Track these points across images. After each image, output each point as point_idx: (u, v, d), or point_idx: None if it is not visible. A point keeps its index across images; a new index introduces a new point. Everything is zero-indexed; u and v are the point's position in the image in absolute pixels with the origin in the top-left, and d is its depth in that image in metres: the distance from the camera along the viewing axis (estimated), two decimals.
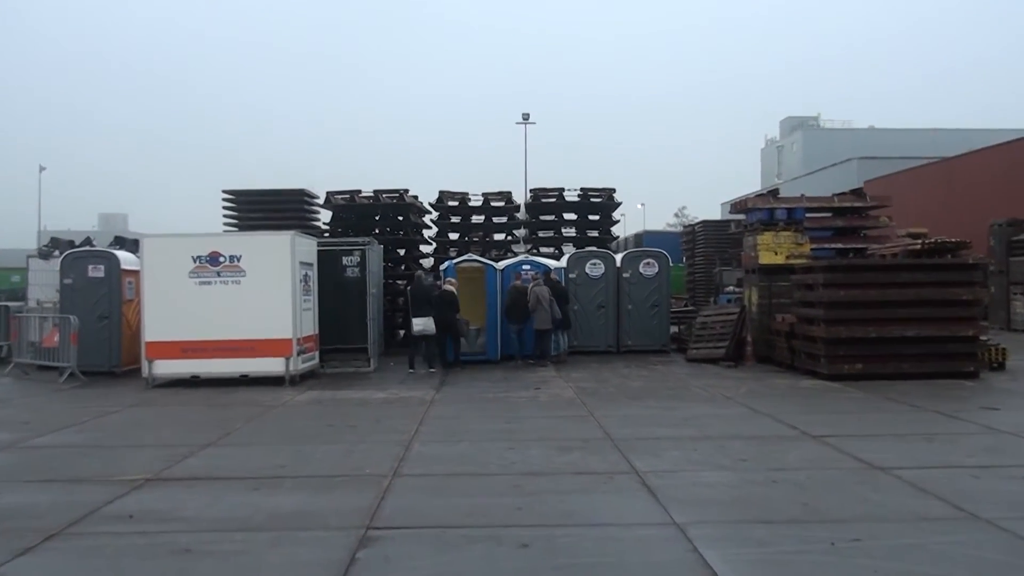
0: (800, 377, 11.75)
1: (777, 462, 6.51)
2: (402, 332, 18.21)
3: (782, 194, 15.52)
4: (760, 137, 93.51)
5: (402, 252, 18.73)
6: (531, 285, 13.64)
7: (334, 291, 13.02)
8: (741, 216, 16.08)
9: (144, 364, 11.49)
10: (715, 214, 48.31)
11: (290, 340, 11.47)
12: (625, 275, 15.46)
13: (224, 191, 18.15)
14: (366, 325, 13.11)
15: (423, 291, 12.99)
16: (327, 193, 17.50)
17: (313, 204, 18.83)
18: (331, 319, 12.90)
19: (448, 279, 13.53)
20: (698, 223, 29.03)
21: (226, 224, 18.12)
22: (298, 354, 11.61)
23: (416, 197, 18.65)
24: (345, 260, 13.14)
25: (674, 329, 16.59)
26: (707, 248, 26.57)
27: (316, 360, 12.63)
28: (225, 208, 18.22)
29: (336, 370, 13.01)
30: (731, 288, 22.68)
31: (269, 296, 11.49)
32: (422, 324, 12.70)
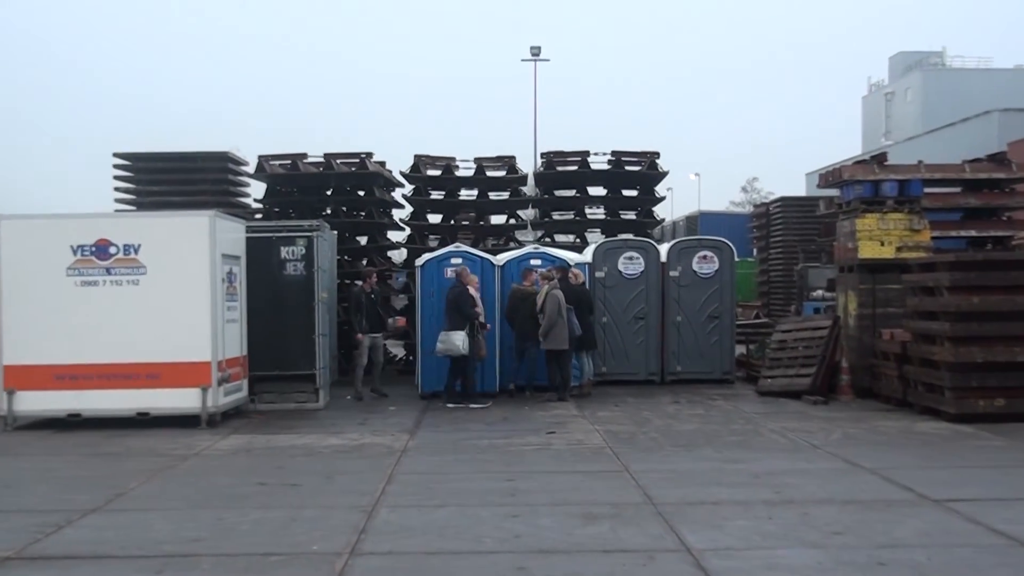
0: (916, 417, 11.75)
1: (885, 537, 6.52)
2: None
3: (891, 161, 15.58)
4: (861, 81, 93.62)
5: (364, 241, 18.81)
6: (543, 288, 13.65)
7: (270, 295, 13.06)
8: (834, 192, 16.12)
9: (1, 397, 11.53)
10: (797, 188, 48.36)
11: (208, 364, 11.50)
12: (673, 274, 15.49)
13: (117, 155, 18.22)
14: (314, 343, 13.14)
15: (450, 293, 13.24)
16: (259, 158, 17.55)
17: (240, 173, 18.90)
18: (266, 335, 12.94)
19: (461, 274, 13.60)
20: (774, 201, 29.12)
21: (120, 202, 18.20)
22: (219, 384, 11.64)
23: (383, 164, 18.70)
24: (285, 251, 13.17)
25: (740, 350, 16.62)
26: (786, 236, 26.66)
27: (244, 392, 12.68)
28: (119, 179, 18.28)
29: (272, 406, 13.06)
30: (819, 292, 22.72)
31: (179, 302, 11.52)
32: (452, 342, 12.91)
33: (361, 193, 18.31)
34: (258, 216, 18.26)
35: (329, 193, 18.24)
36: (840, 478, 8.41)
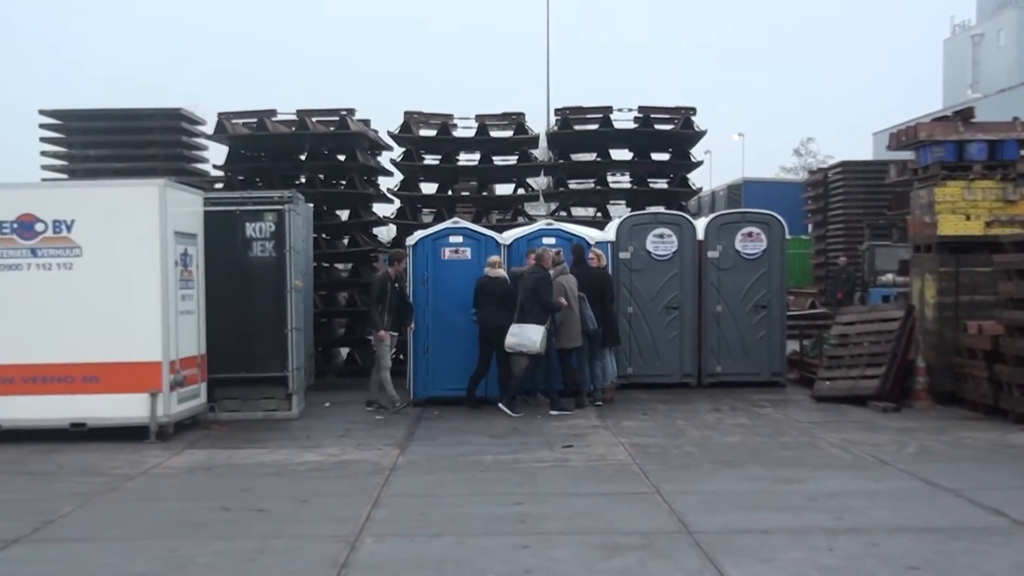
0: (1010, 427, 11.73)
1: (972, 572, 6.50)
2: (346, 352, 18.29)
3: (979, 118, 15.42)
4: (943, 21, 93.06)
5: (345, 215, 18.77)
6: (552, 271, 13.56)
7: (233, 282, 13.07)
8: (908, 155, 16.02)
9: None
10: (862, 150, 48.25)
11: (158, 365, 11.52)
12: (712, 254, 15.50)
13: (44, 112, 18.19)
14: (286, 340, 13.17)
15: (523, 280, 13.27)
16: (220, 116, 17.55)
17: (196, 134, 18.89)
18: (228, 330, 12.96)
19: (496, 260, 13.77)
20: (834, 166, 29.06)
21: (49, 169, 18.20)
22: (172, 388, 11.66)
23: (367, 123, 18.72)
24: (251, 228, 13.18)
25: (793, 347, 16.60)
26: (849, 209, 26.60)
27: (202, 399, 12.71)
28: (48, 142, 18.27)
29: (236, 415, 13.09)
30: (889, 277, 22.70)
31: (122, 290, 11.52)
32: (527, 336, 12.92)
33: (341, 158, 18.25)
34: (218, 186, 18.23)
35: (303, 158, 18.22)
36: (915, 501, 8.38)
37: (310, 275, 16.34)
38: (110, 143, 18.13)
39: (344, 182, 18.07)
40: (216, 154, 18.70)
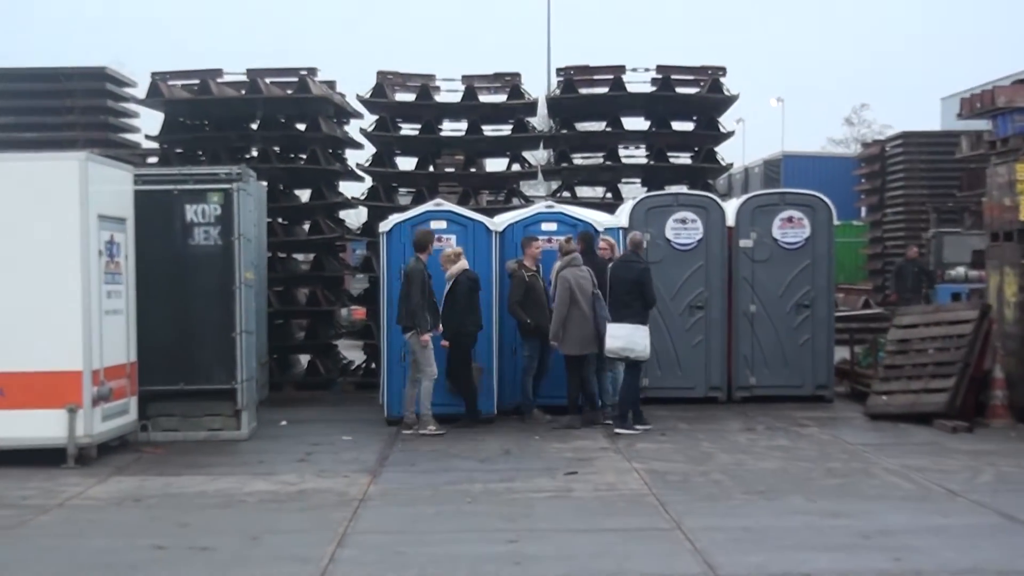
0: None
1: None
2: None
3: None
4: None
5: (306, 196, 18.77)
6: (556, 265, 13.59)
7: (170, 276, 13.09)
8: (983, 125, 16.01)
9: None
10: (927, 119, 48.15)
11: (78, 375, 11.53)
12: (745, 243, 15.52)
13: None
14: (233, 345, 13.15)
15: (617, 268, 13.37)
16: (154, 77, 17.52)
17: (125, 98, 18.83)
18: (164, 333, 12.96)
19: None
20: (892, 138, 29.09)
21: None
22: (95, 403, 11.63)
23: (332, 85, 18.67)
24: (192, 212, 13.15)
25: (842, 354, 16.58)
26: (911, 189, 26.60)
27: (132, 416, 12.69)
28: None
29: (173, 435, 13.07)
30: (960, 271, 22.65)
31: (34, 286, 11.49)
32: (635, 340, 13.12)
33: (301, 127, 18.25)
34: (152, 160, 18.20)
35: (255, 127, 18.20)
36: (991, 539, 8.34)
37: (263, 267, 16.32)
38: (19, 109, 18.11)
39: (304, 156, 18.06)
40: (149, 122, 18.68)
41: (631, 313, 13.19)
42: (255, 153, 18.04)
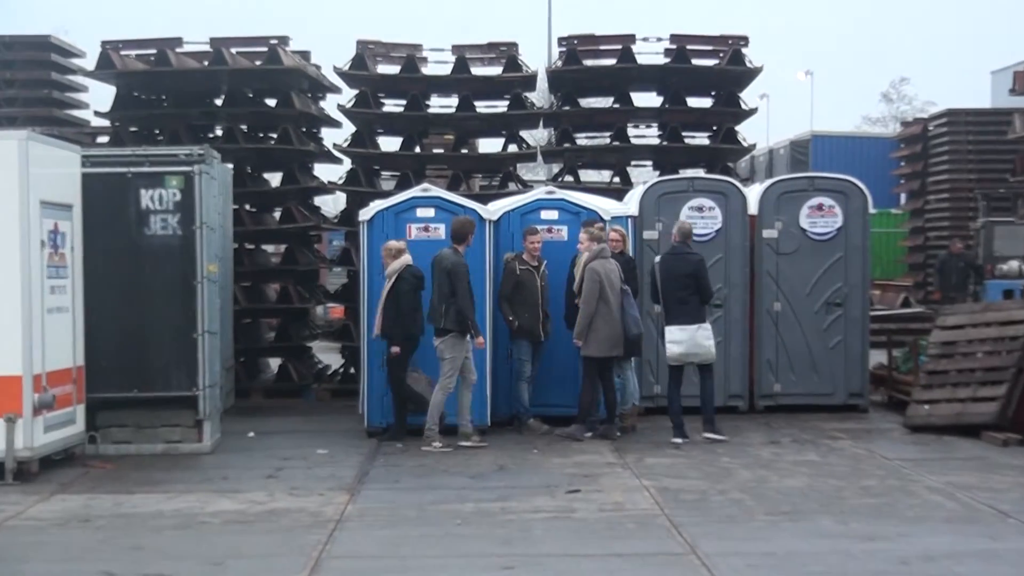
0: None
1: None
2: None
3: None
4: None
5: (277, 180, 18.74)
6: (580, 256, 13.60)
7: (123, 269, 13.07)
8: None
9: None
10: (976, 95, 48.21)
11: (17, 380, 11.53)
12: (769, 234, 15.55)
13: None
14: (195, 347, 13.15)
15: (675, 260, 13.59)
16: (104, 47, 17.50)
17: (72, 70, 18.78)
18: (116, 334, 12.96)
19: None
20: (936, 116, 29.11)
21: None
22: (37, 412, 11.64)
23: (307, 56, 18.69)
24: (148, 197, 13.13)
25: (879, 359, 16.62)
26: (956, 173, 26.60)
27: (79, 426, 12.68)
28: None
29: (126, 448, 13.06)
30: (1014, 264, 22.62)
31: None
32: (699, 342, 13.39)
33: (271, 103, 18.25)
34: (102, 140, 18.18)
35: (219, 103, 18.19)
36: None
37: (229, 260, 16.32)
38: None
39: (275, 135, 18.04)
40: (99, 97, 18.63)
41: (689, 311, 13.40)
42: (219, 132, 18.03)
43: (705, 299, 13.67)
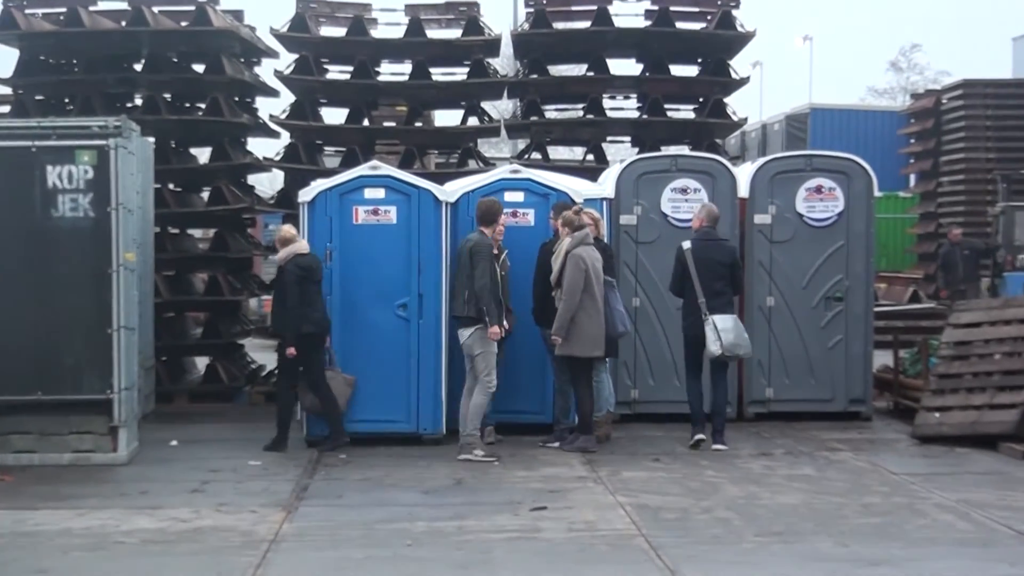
0: None
1: None
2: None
3: None
4: None
5: (206, 155, 18.69)
6: (561, 243, 13.54)
7: (24, 256, 13.05)
8: None
9: None
10: (996, 65, 48.43)
11: None
12: (761, 219, 15.62)
13: None
14: (109, 345, 13.11)
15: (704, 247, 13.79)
16: (5, 3, 17.41)
17: None
18: (15, 330, 12.97)
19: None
20: (950, 88, 29.28)
21: None
22: None
23: (240, 16, 18.67)
24: (55, 175, 13.06)
25: (884, 360, 16.73)
26: (973, 152, 26.72)
27: None
28: None
29: (28, 458, 13.03)
30: None
31: None
32: (742, 333, 13.76)
33: (199, 69, 18.14)
34: (3, 110, 18.05)
35: (140, 69, 18.09)
36: None
37: (149, 246, 16.27)
38: None
39: (203, 105, 17.95)
40: (0, 62, 18.47)
41: (726, 303, 13.63)
42: (139, 101, 17.94)
43: (737, 291, 13.98)
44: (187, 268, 18.47)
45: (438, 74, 18.74)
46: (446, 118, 20.58)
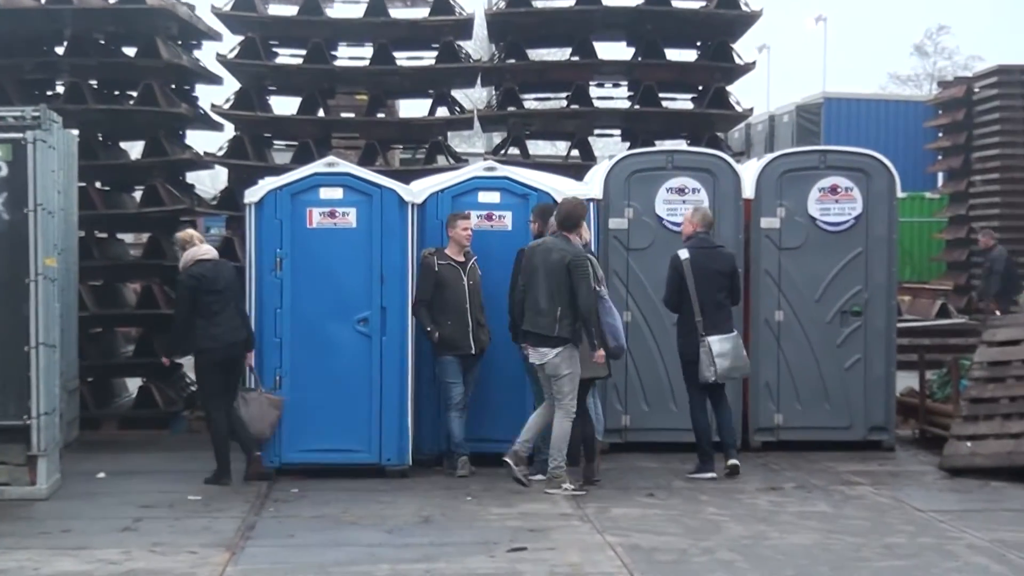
0: None
1: None
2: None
3: None
4: None
5: (138, 150, 18.66)
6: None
7: None
8: None
9: None
10: None
11: None
12: (769, 223, 15.70)
13: None
14: (26, 364, 13.13)
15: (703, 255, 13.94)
16: None
17: None
18: None
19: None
20: (982, 75, 29.44)
21: None
22: None
23: None
24: None
25: (908, 382, 16.82)
26: (1009, 147, 26.84)
27: None
28: None
29: None
30: None
31: None
32: (741, 353, 14.01)
33: (130, 52, 18.13)
34: None
35: (62, 52, 18.12)
36: None
37: (73, 252, 16.27)
38: None
39: (135, 94, 17.94)
40: None
41: (727, 317, 13.89)
42: (61, 89, 17.90)
43: (736, 302, 14.13)
44: (117, 277, 18.46)
45: (403, 58, 18.82)
46: (412, 108, 20.60)
